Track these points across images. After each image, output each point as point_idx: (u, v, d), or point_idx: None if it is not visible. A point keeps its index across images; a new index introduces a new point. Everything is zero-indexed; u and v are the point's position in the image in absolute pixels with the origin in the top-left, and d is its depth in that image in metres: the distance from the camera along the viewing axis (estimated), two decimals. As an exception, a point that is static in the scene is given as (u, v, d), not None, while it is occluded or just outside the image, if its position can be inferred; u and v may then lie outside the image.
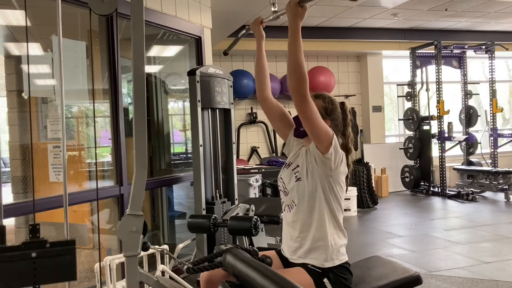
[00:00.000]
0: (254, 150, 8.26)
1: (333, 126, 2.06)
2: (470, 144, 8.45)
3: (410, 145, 8.36)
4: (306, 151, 2.03)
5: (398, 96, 9.12)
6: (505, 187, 7.39)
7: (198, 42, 4.49)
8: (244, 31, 2.40)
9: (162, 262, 2.87)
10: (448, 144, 8.05)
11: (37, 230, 1.17)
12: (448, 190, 7.84)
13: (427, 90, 8.32)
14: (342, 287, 1.94)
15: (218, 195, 3.73)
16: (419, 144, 8.22)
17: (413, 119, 8.27)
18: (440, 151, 7.94)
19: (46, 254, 1.15)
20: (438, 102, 7.81)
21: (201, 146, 3.58)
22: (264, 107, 2.26)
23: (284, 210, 2.11)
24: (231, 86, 3.96)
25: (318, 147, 1.92)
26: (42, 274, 1.15)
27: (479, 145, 8.44)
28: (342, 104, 2.15)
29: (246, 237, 3.27)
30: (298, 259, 2.00)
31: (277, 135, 8.26)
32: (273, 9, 2.15)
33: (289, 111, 2.31)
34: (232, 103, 3.95)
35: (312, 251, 1.97)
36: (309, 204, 1.98)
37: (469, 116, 8.52)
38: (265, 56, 2.29)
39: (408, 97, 8.40)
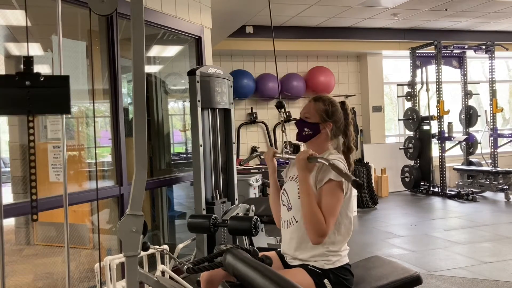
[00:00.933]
0: (254, 150, 8.26)
1: (335, 127, 2.05)
2: (470, 144, 8.45)
3: (410, 145, 8.36)
4: (313, 174, 1.95)
5: (398, 96, 9.12)
6: (505, 187, 7.39)
7: (198, 42, 4.49)
8: (257, 153, 2.55)
9: (162, 262, 2.87)
10: (448, 144, 8.05)
11: (30, 62, 1.17)
12: (448, 190, 7.84)
13: (427, 90, 8.32)
14: (342, 287, 1.94)
15: (218, 195, 3.73)
16: (419, 144, 8.22)
17: (413, 119, 8.27)
18: (440, 151, 7.94)
19: (40, 85, 1.14)
20: (438, 102, 7.81)
21: (201, 146, 3.58)
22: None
23: (283, 227, 2.09)
24: (231, 86, 3.96)
25: None
26: (36, 104, 1.14)
27: (479, 145, 8.44)
28: (343, 103, 2.14)
29: (246, 237, 3.27)
30: (299, 262, 2.00)
31: (277, 135, 8.27)
32: (285, 150, 2.30)
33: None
34: (232, 103, 3.95)
35: (313, 252, 1.96)
36: None
37: (469, 116, 8.52)
38: (279, 187, 2.24)
39: (408, 97, 8.40)
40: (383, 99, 9.07)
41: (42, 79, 1.16)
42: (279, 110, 2.40)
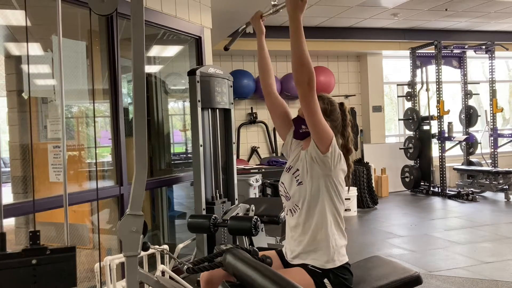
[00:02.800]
0: (254, 150, 8.26)
1: (332, 127, 2.06)
2: (470, 144, 8.45)
3: (410, 145, 8.36)
4: (306, 153, 2.02)
5: (398, 96, 9.12)
6: (505, 187, 7.39)
7: (198, 42, 4.49)
8: (244, 26, 2.40)
9: (162, 262, 2.87)
10: (448, 144, 8.05)
11: (37, 237, 1.16)
12: (448, 190, 7.84)
13: (427, 90, 8.32)
14: (342, 287, 1.94)
15: (218, 195, 3.73)
16: (419, 144, 8.22)
17: (413, 119, 8.27)
18: (440, 151, 7.94)
19: (46, 261, 1.14)
20: (438, 102, 7.81)
21: (201, 146, 3.58)
22: (268, 102, 2.25)
23: (287, 215, 2.11)
24: (231, 86, 3.96)
25: (318, 146, 1.91)
26: (42, 281, 1.14)
27: (479, 145, 8.44)
28: (341, 104, 2.15)
29: (246, 237, 3.27)
30: (299, 261, 2.00)
31: (277, 135, 8.26)
32: (272, 2, 2.16)
33: (289, 109, 2.31)
34: (232, 103, 3.95)
35: (313, 252, 1.97)
36: (311, 207, 1.98)
37: (469, 116, 8.52)
38: (267, 51, 2.29)
39: (408, 97, 8.40)
40: (383, 99, 9.07)
41: (48, 253, 1.16)
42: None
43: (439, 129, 7.86)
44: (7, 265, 1.10)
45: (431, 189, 8.07)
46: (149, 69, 4.86)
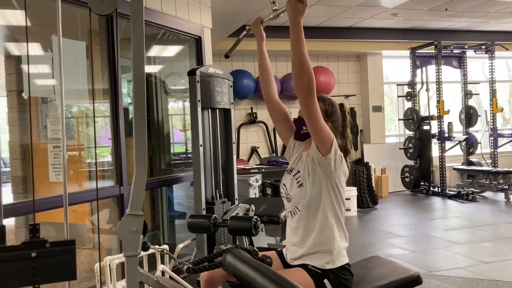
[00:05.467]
0: (254, 150, 8.26)
1: (333, 128, 2.06)
2: (470, 144, 8.45)
3: (410, 145, 8.36)
4: (307, 155, 2.01)
5: (398, 96, 9.12)
6: (505, 187, 7.39)
7: (198, 42, 4.49)
8: (245, 32, 2.39)
9: (162, 262, 2.87)
10: (448, 144, 8.05)
11: (37, 230, 1.17)
12: (448, 190, 7.84)
13: (427, 90, 8.32)
14: (342, 287, 1.94)
15: (218, 195, 3.73)
16: (419, 144, 8.22)
17: (413, 119, 8.27)
18: (440, 151, 7.94)
19: (46, 254, 1.14)
20: (438, 102, 7.81)
21: (201, 146, 3.58)
22: (270, 108, 2.25)
23: (288, 217, 2.10)
24: (231, 86, 3.96)
25: (319, 149, 1.91)
26: (42, 274, 1.15)
27: (479, 145, 8.44)
28: (341, 105, 2.15)
29: (246, 237, 3.27)
30: (300, 262, 2.00)
31: (277, 135, 8.26)
32: (273, 7, 2.15)
33: (289, 112, 2.31)
34: (232, 103, 3.95)
35: (314, 254, 1.97)
36: (312, 209, 1.97)
37: (469, 116, 8.52)
38: (268, 57, 2.28)
39: (408, 97, 8.40)
40: (383, 99, 9.07)
41: (48, 246, 1.16)
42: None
43: (439, 129, 7.86)
44: (6, 258, 1.11)
45: (431, 189, 8.07)
46: (149, 69, 4.86)
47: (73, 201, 3.01)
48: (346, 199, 6.51)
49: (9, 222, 3.82)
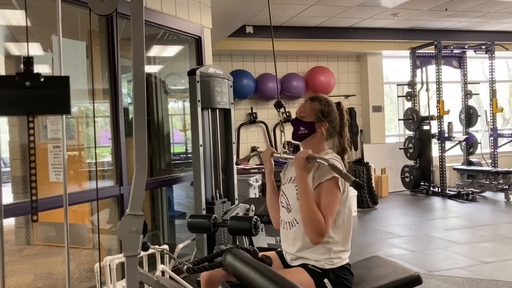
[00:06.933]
0: (254, 150, 8.26)
1: (330, 127, 2.06)
2: (470, 144, 8.45)
3: (410, 145, 8.36)
4: (313, 173, 1.96)
5: (398, 96, 9.12)
6: (505, 187, 7.39)
7: (198, 42, 4.49)
8: (255, 152, 2.47)
9: (162, 262, 2.87)
10: (448, 144, 8.05)
11: (30, 63, 1.17)
12: (448, 190, 7.84)
13: (427, 90, 8.32)
14: (342, 287, 1.94)
15: (218, 195, 3.73)
16: (419, 144, 8.22)
17: (413, 119, 8.27)
18: (440, 151, 7.94)
19: (40, 85, 1.14)
20: (438, 102, 7.81)
21: (201, 146, 3.58)
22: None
23: (283, 228, 2.07)
24: (231, 86, 3.96)
25: None
26: (36, 105, 1.15)
27: (479, 145, 8.44)
28: (338, 104, 2.14)
29: (246, 237, 3.27)
30: (300, 262, 2.00)
31: (277, 135, 8.27)
32: (283, 150, 2.22)
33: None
34: (232, 103, 3.95)
35: (317, 257, 1.96)
36: None
37: (469, 116, 8.52)
38: (276, 188, 2.22)
39: (408, 97, 8.40)
40: (383, 99, 9.07)
41: (42, 80, 1.16)
42: (278, 110, 2.38)
43: (439, 129, 7.86)
44: (1, 86, 1.11)
45: (431, 189, 8.07)
46: (149, 69, 4.86)
47: (73, 201, 3.01)
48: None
49: (9, 222, 3.82)
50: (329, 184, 1.89)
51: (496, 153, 8.21)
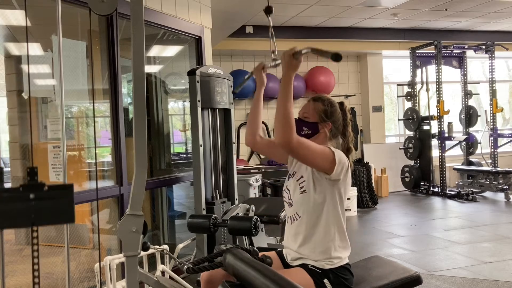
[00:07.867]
0: (254, 150, 8.26)
1: (334, 127, 2.05)
2: (470, 144, 8.45)
3: (410, 145, 8.36)
4: (313, 173, 1.97)
5: (398, 96, 9.12)
6: (505, 187, 7.39)
7: (198, 42, 4.49)
8: (249, 74, 2.38)
9: (162, 262, 2.87)
10: (448, 144, 8.05)
11: (35, 173, 1.18)
12: (448, 190, 7.84)
13: (427, 90, 8.32)
14: (342, 287, 1.94)
15: (218, 195, 3.73)
16: (419, 144, 8.22)
17: (413, 119, 8.27)
18: (440, 151, 7.94)
19: (44, 196, 1.15)
20: (438, 102, 7.81)
21: (201, 146, 3.58)
22: (256, 149, 2.30)
23: (287, 223, 2.09)
24: (231, 86, 3.96)
25: (325, 171, 1.91)
26: (40, 215, 1.16)
27: (479, 145, 8.44)
28: (341, 104, 2.14)
29: (246, 237, 3.27)
30: (300, 262, 2.00)
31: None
32: (272, 57, 2.17)
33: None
34: (232, 103, 3.95)
35: (317, 253, 1.96)
36: (314, 217, 1.96)
37: (469, 116, 8.52)
38: (262, 104, 2.26)
39: (408, 97, 8.40)
40: (383, 99, 9.07)
41: (46, 189, 1.18)
42: (267, 15, 2.30)
43: (439, 129, 7.86)
44: (5, 199, 1.12)
45: (431, 189, 8.07)
46: (149, 69, 4.86)
47: (73, 201, 3.01)
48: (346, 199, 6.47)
49: (9, 222, 3.81)
50: (326, 148, 1.91)
51: (496, 153, 8.21)
